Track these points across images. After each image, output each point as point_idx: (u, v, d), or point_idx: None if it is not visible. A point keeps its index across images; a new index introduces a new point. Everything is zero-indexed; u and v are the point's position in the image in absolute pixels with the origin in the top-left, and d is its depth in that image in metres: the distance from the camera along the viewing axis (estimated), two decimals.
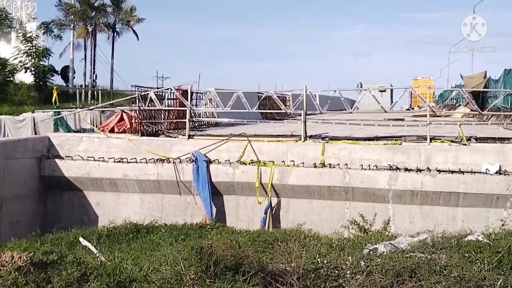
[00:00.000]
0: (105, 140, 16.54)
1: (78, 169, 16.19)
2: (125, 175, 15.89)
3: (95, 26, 41.88)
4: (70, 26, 42.45)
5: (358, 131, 18.13)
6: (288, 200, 15.16)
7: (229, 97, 17.49)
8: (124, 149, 16.27)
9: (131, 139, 16.34)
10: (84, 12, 41.06)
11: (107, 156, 16.24)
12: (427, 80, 54.79)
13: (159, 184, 15.82)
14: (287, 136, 16.35)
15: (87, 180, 16.19)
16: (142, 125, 16.85)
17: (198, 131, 18.86)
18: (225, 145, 15.73)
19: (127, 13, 42.39)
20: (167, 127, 17.81)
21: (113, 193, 16.29)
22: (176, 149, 16.00)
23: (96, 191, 16.38)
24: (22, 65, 37.67)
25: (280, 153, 15.30)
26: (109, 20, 42.56)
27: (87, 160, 16.23)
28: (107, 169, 16.01)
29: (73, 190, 16.42)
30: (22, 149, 15.68)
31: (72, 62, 43.71)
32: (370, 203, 14.46)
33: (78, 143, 16.63)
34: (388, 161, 14.35)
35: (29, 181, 15.82)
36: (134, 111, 17.53)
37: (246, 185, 15.17)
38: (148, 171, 15.76)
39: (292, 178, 14.78)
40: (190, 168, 15.44)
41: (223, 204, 15.63)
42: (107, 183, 16.14)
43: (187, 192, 15.65)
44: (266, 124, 20.07)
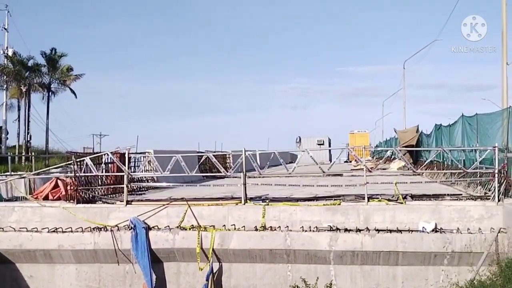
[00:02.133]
0: (38, 210, 15.97)
1: (9, 240, 15.50)
2: (60, 245, 15.32)
3: (29, 86, 41.07)
4: (2, 87, 41.54)
5: (298, 189, 18.24)
6: (230, 265, 14.95)
7: (168, 159, 17.31)
8: (59, 218, 15.74)
9: (66, 207, 15.85)
10: (18, 72, 40.27)
11: (41, 226, 15.65)
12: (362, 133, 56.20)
13: (96, 254, 15.32)
14: (227, 199, 16.25)
15: (20, 252, 15.51)
16: (78, 192, 16.40)
17: (136, 195, 18.53)
18: (165, 211, 15.46)
19: (63, 73, 41.85)
20: (104, 193, 17.41)
21: (48, 265, 15.65)
22: (113, 216, 15.60)
23: (29, 263, 15.69)
24: None
25: (221, 216, 15.15)
26: (44, 80, 41.89)
27: (19, 231, 15.58)
28: (41, 240, 15.40)
29: (4, 264, 15.66)
30: None
31: (5, 123, 42.55)
32: (312, 264, 14.45)
33: (10, 214, 15.97)
34: (328, 222, 14.43)
35: None
36: (69, 177, 17.09)
37: (187, 251, 14.89)
38: (85, 241, 15.26)
39: (234, 242, 14.63)
40: (128, 235, 15.05)
41: (164, 272, 15.26)
42: (41, 255, 15.51)
43: (126, 260, 15.22)
44: (205, 185, 19.91)
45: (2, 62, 41.67)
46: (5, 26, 43.27)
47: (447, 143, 23.91)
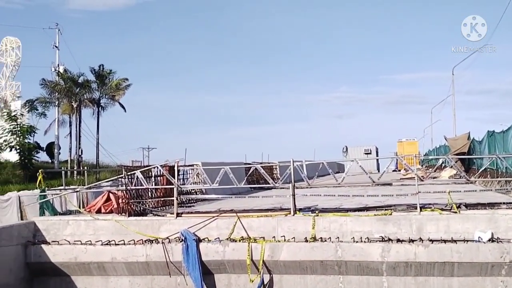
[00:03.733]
0: (92, 223, 16.28)
1: (65, 254, 15.85)
2: (113, 258, 15.56)
3: (80, 102, 42.09)
4: (54, 103, 42.70)
5: (347, 199, 18.07)
6: (280, 276, 14.88)
7: (216, 171, 17.41)
8: (111, 231, 16.00)
9: (119, 220, 16.09)
10: (69, 89, 41.35)
11: (95, 239, 15.93)
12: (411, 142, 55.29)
13: (148, 266, 15.49)
14: (276, 210, 16.22)
15: (75, 265, 15.82)
16: (129, 205, 16.65)
17: (186, 207, 18.68)
18: (214, 223, 15.53)
19: (111, 88, 42.75)
20: (154, 205, 17.62)
21: (102, 277, 15.90)
22: (164, 228, 15.77)
23: (84, 276, 15.99)
24: (7, 143, 37.64)
25: (270, 228, 15.11)
26: (93, 95, 42.92)
27: (74, 244, 15.91)
28: (95, 252, 15.69)
29: (60, 276, 16.02)
30: (7, 237, 15.35)
31: (57, 139, 43.71)
32: (364, 276, 14.23)
33: (65, 227, 16.34)
34: (379, 233, 14.21)
35: (14, 269, 15.42)
36: (121, 191, 17.37)
37: (237, 263, 14.90)
38: (137, 253, 15.46)
39: (284, 253, 14.56)
40: (179, 248, 15.17)
41: (215, 284, 15.30)
42: (95, 267, 15.78)
43: (177, 272, 15.33)
44: (254, 197, 19.92)
45: (54, 79, 42.85)
46: (56, 45, 44.58)
47: (500, 150, 23.27)
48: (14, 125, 37.91)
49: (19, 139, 37.77)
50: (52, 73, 43.85)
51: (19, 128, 37.90)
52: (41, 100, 42.10)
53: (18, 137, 37.76)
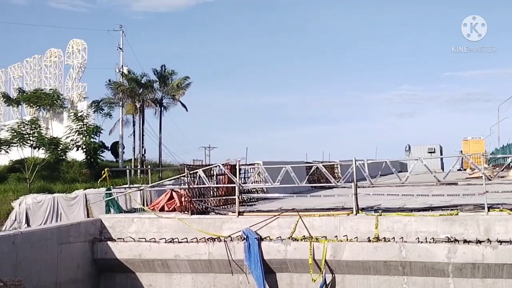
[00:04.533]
0: (155, 221, 16.58)
1: (130, 250, 16.21)
2: (177, 255, 15.81)
3: (143, 102, 42.92)
4: (119, 104, 43.69)
5: (411, 199, 17.74)
6: (343, 276, 14.74)
7: (277, 170, 17.41)
8: (174, 228, 16.25)
9: (182, 218, 16.32)
10: (132, 89, 42.23)
11: (158, 237, 16.22)
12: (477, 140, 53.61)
13: (211, 264, 15.65)
14: (338, 209, 16.07)
15: (139, 262, 16.16)
16: (192, 203, 16.86)
17: (247, 206, 18.77)
18: (276, 221, 15.53)
19: (173, 88, 43.41)
20: (216, 204, 17.79)
21: (165, 274, 16.18)
22: (226, 227, 15.89)
23: (148, 273, 16.31)
24: (74, 143, 38.81)
25: (333, 227, 14.99)
26: (156, 95, 43.68)
27: (138, 242, 16.25)
28: (159, 250, 15.98)
29: (125, 272, 16.40)
30: (75, 233, 15.83)
31: (121, 138, 44.73)
32: (429, 277, 13.92)
33: (130, 225, 16.71)
34: (445, 233, 13.85)
35: (82, 265, 15.90)
36: (183, 189, 17.62)
37: (299, 262, 14.86)
38: (200, 251, 15.65)
39: (346, 253, 14.42)
40: (241, 246, 15.26)
41: (276, 283, 15.31)
42: (159, 264, 16.07)
43: (239, 271, 15.43)
44: (315, 196, 19.81)
45: (118, 80, 43.89)
46: (120, 46, 45.63)
47: None
48: (80, 125, 39.02)
49: (85, 139, 38.85)
50: (116, 74, 44.93)
51: (85, 128, 38.98)
52: (106, 100, 43.18)
53: (84, 137, 38.85)
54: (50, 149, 37.68)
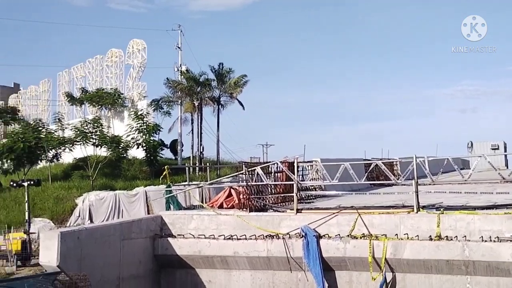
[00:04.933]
0: (214, 218, 16.74)
1: (189, 247, 16.43)
2: (236, 252, 15.92)
3: (201, 101, 43.38)
4: (177, 102, 44.34)
5: (474, 197, 17.28)
6: (403, 275, 14.51)
7: (335, 168, 17.28)
8: (233, 225, 16.37)
9: (240, 215, 16.42)
10: (191, 88, 42.75)
11: (217, 233, 16.37)
12: None
13: (270, 261, 15.70)
14: (398, 207, 15.81)
15: (199, 258, 16.36)
16: (250, 201, 16.94)
17: (305, 203, 18.70)
18: (335, 219, 15.42)
19: (230, 86, 43.71)
20: (274, 201, 17.80)
21: (225, 271, 16.34)
22: (285, 224, 15.89)
23: (207, 269, 16.51)
24: (134, 141, 39.66)
25: (393, 225, 14.78)
26: (213, 93, 44.09)
27: (198, 238, 16.45)
28: (218, 246, 16.13)
29: (185, 268, 16.65)
30: (137, 230, 16.18)
31: (180, 136, 45.37)
32: (494, 277, 13.54)
33: (189, 221, 16.93)
34: (510, 232, 13.42)
35: (143, 261, 16.23)
36: (241, 187, 17.72)
37: (359, 260, 14.72)
38: (258, 248, 15.71)
39: (407, 252, 14.18)
40: (300, 243, 15.24)
41: (335, 280, 15.23)
42: (218, 261, 16.23)
43: (298, 268, 15.42)
44: (374, 193, 19.56)
45: (177, 79, 44.51)
46: (178, 45, 46.26)
47: None
48: (140, 123, 39.85)
49: (145, 137, 39.64)
50: (175, 73, 45.55)
51: (145, 127, 39.78)
52: (165, 99, 43.89)
53: (144, 135, 39.65)
54: (111, 147, 38.66)
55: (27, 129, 40.98)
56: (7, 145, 38.92)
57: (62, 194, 36.14)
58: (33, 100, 58.78)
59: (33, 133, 39.59)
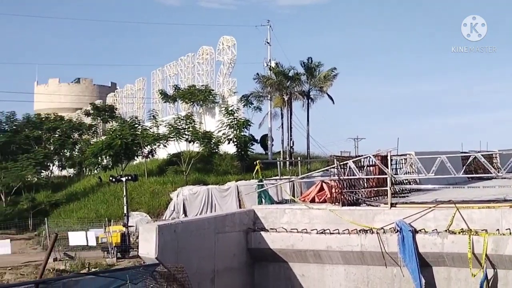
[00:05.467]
0: (307, 212, 16.69)
1: (282, 241, 16.46)
2: (328, 246, 15.80)
3: (291, 95, 43.50)
4: (267, 97, 44.66)
5: None
6: (506, 272, 13.89)
7: (430, 161, 16.76)
8: (326, 220, 16.25)
9: (333, 209, 16.28)
10: (280, 82, 42.96)
11: (310, 228, 16.30)
12: None
13: (363, 256, 15.46)
14: (499, 201, 15.11)
15: (292, 252, 16.38)
16: (342, 195, 16.75)
17: (399, 198, 18.27)
18: (431, 213, 14.96)
19: (320, 80, 43.51)
20: (367, 195, 17.51)
21: (317, 265, 16.26)
22: (378, 218, 15.59)
23: (300, 263, 16.49)
24: (226, 136, 40.35)
25: (493, 220, 14.15)
26: (303, 88, 44.06)
27: (290, 232, 16.45)
28: (311, 240, 16.06)
29: (278, 262, 16.71)
30: (230, 223, 16.39)
31: (270, 131, 45.65)
32: None
33: (281, 215, 16.97)
34: None
35: (237, 254, 16.44)
36: (333, 181, 17.55)
37: (457, 256, 14.22)
38: (352, 242, 15.50)
39: (509, 248, 13.52)
40: (394, 238, 14.90)
41: (433, 276, 14.79)
42: (311, 255, 16.17)
43: (393, 263, 15.09)
44: (473, 187, 18.82)
45: (266, 74, 44.80)
46: (267, 41, 46.55)
47: None
48: (231, 119, 40.47)
49: (236, 132, 40.23)
50: (264, 68, 45.90)
51: (236, 122, 40.36)
52: (255, 94, 44.33)
53: (235, 131, 40.24)
54: (203, 143, 39.55)
55: (124, 127, 42.76)
56: (106, 142, 40.74)
57: (158, 188, 37.38)
58: (129, 98, 60.99)
59: (129, 130, 41.24)
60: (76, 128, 54.94)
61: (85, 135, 55.41)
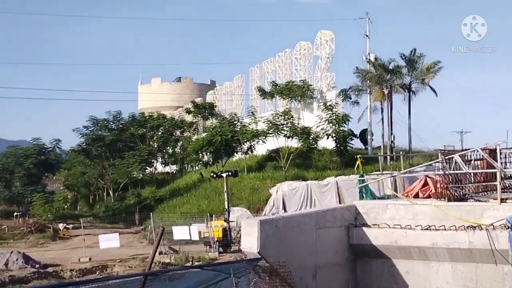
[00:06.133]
0: (410, 207, 16.27)
1: (385, 237, 16.14)
2: (434, 243, 15.31)
3: (391, 88, 42.50)
4: (366, 91, 43.90)
5: None
6: None
7: None
8: (431, 216, 15.75)
9: (438, 205, 15.76)
10: (380, 76, 42.10)
11: (414, 224, 15.86)
12: None
13: (472, 253, 14.86)
14: None
15: (395, 248, 16.02)
16: (448, 190, 16.17)
17: (509, 193, 17.38)
18: None
19: (422, 72, 42.21)
20: (474, 190, 16.79)
21: (423, 262, 15.81)
22: (487, 214, 14.92)
23: (404, 260, 16.10)
24: (324, 132, 40.12)
25: None
26: (404, 81, 42.90)
27: (393, 228, 16.09)
28: (415, 237, 15.64)
29: (381, 258, 16.41)
30: (331, 219, 16.27)
31: (369, 125, 44.88)
32: None
33: (384, 211, 16.63)
34: None
35: (339, 250, 16.30)
36: (438, 175, 16.99)
37: None
38: (459, 239, 14.94)
39: None
40: (505, 235, 14.21)
41: None
42: (416, 252, 15.75)
43: (503, 261, 14.42)
44: None
45: (365, 67, 44.04)
46: (366, 34, 45.70)
47: None
48: (330, 114, 40.17)
49: (335, 127, 39.90)
50: (363, 62, 45.10)
51: (334, 117, 40.03)
52: (354, 88, 43.69)
53: (334, 126, 39.92)
54: (302, 138, 39.57)
55: (223, 123, 43.58)
56: (206, 139, 41.69)
57: (257, 184, 37.79)
58: (228, 95, 62.03)
59: (229, 127, 41.96)
60: (177, 125, 56.53)
61: (186, 132, 56.88)
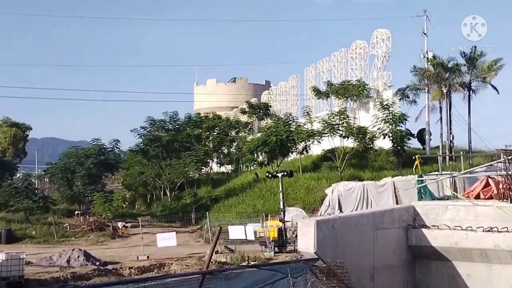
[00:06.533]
0: (471, 208, 15.85)
1: (445, 238, 15.79)
2: (496, 245, 14.88)
3: (450, 87, 41.46)
4: (424, 90, 42.97)
5: None
6: None
7: None
8: (493, 217, 15.32)
9: (501, 206, 15.30)
10: (438, 74, 41.13)
11: (475, 225, 15.45)
12: None
13: None
14: None
15: (455, 250, 15.65)
16: (511, 191, 15.67)
17: None
18: None
19: (483, 70, 40.98)
20: None
21: (484, 264, 15.40)
22: None
23: (465, 262, 15.72)
24: (381, 131, 39.56)
25: None
26: (463, 79, 41.77)
27: (454, 229, 15.71)
28: (476, 239, 15.23)
29: (441, 260, 16.08)
30: (389, 219, 16.03)
31: (428, 125, 43.89)
32: None
33: (444, 212, 16.27)
34: None
35: (397, 251, 16.05)
36: (500, 176, 16.51)
37: None
38: None
39: None
40: None
41: None
42: (477, 254, 15.33)
43: None
44: None
45: (423, 66, 43.14)
46: (424, 31, 44.73)
47: None
48: (386, 113, 39.57)
49: (391, 127, 39.28)
50: (421, 60, 44.15)
51: (391, 116, 39.41)
52: (411, 87, 42.82)
53: (390, 125, 39.31)
54: (358, 138, 39.12)
55: (278, 124, 43.54)
56: (262, 139, 41.77)
57: (312, 184, 37.61)
58: (283, 95, 61.95)
59: (284, 127, 41.90)
60: (233, 126, 56.82)
61: (241, 132, 57.13)
